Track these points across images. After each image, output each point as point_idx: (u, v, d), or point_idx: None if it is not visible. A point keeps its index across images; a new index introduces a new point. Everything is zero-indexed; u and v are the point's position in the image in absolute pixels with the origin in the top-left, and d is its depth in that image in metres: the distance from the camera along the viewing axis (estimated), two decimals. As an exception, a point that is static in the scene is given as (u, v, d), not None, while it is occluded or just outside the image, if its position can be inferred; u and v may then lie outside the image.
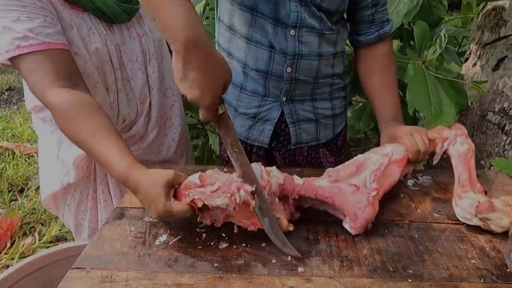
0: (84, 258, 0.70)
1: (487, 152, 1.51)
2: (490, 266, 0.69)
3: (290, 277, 0.66)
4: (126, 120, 1.08)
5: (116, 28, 1.00)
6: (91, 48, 0.93)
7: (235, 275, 0.66)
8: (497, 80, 1.43)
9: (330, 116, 1.12)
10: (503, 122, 1.46)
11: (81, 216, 1.21)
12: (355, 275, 0.66)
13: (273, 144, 1.12)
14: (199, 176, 0.72)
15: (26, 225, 2.00)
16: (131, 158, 0.77)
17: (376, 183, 0.79)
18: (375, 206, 0.77)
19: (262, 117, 1.06)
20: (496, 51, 1.41)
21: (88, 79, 0.94)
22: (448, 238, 0.76)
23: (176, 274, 0.66)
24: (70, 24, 0.90)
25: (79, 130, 0.79)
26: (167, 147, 1.21)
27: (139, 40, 1.05)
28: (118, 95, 1.04)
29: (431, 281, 0.65)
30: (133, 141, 1.13)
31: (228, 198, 0.69)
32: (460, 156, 0.86)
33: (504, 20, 1.38)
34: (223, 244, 0.74)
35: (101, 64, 0.96)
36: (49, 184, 1.13)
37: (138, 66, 1.06)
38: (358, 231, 0.75)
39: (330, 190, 0.78)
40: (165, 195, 0.70)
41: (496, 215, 0.74)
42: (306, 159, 1.16)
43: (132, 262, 0.69)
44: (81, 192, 1.15)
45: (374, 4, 1.00)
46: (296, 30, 0.94)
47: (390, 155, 0.84)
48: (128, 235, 0.76)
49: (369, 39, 1.04)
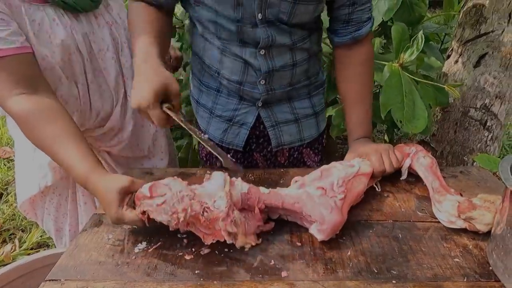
0: (58, 269, 0.67)
1: (470, 148, 1.52)
2: (473, 264, 0.69)
3: (273, 282, 0.64)
4: (100, 113, 1.04)
5: (84, 17, 0.95)
6: (56, 41, 0.89)
7: (217, 282, 0.64)
8: (478, 76, 1.44)
9: (312, 115, 1.10)
10: (485, 118, 1.47)
11: (61, 220, 1.18)
12: (340, 278, 0.65)
13: (253, 146, 1.10)
14: (149, 187, 0.70)
15: (6, 231, 1.94)
16: (92, 161, 0.76)
17: (344, 188, 0.77)
18: (343, 213, 0.75)
19: (238, 120, 1.04)
20: (477, 48, 1.43)
21: (50, 74, 0.89)
22: (431, 237, 0.76)
23: (156, 283, 0.64)
24: (26, 19, 0.84)
25: (40, 137, 0.79)
26: (145, 139, 1.18)
27: (109, 28, 1.01)
28: (90, 87, 0.99)
29: (415, 281, 0.65)
30: (111, 135, 1.10)
31: (170, 215, 0.67)
32: (426, 168, 0.89)
33: (484, 17, 1.39)
34: (205, 249, 0.72)
35: (67, 56, 0.91)
36: (26, 188, 1.10)
37: (110, 55, 1.01)
38: (325, 235, 0.72)
39: (297, 196, 0.76)
40: (117, 202, 0.70)
41: (478, 212, 0.74)
42: (288, 160, 1.14)
43: (109, 272, 0.66)
44: (60, 194, 1.12)
45: (352, 3, 0.93)
46: (266, 50, 0.92)
47: (357, 168, 0.84)
48: (105, 243, 0.73)
49: (343, 40, 0.98)
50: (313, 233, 0.73)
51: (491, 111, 1.46)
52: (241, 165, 1.12)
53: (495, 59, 1.40)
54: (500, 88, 1.42)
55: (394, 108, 1.08)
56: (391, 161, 0.90)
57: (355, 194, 0.80)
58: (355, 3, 0.93)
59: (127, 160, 1.19)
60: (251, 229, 0.73)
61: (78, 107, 0.99)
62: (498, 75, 1.41)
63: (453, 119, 1.53)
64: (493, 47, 1.39)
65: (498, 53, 1.38)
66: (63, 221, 1.18)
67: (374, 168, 0.88)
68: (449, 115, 1.54)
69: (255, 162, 1.14)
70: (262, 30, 0.89)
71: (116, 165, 1.16)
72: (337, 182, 0.78)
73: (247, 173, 0.97)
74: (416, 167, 0.92)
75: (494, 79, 1.41)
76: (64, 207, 1.15)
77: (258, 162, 1.14)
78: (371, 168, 0.87)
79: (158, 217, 0.68)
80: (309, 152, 1.16)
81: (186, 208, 0.67)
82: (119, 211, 0.70)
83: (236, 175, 0.78)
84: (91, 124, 1.05)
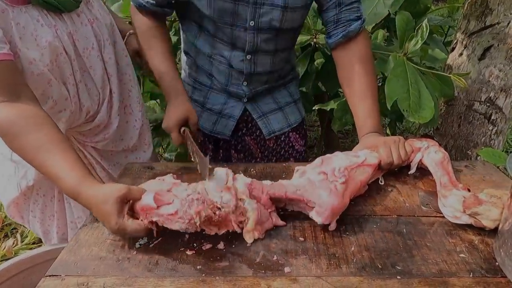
0: (59, 265, 0.66)
1: (474, 142, 1.51)
2: (479, 260, 0.68)
3: (276, 278, 0.63)
4: (90, 111, 1.03)
5: (66, 17, 0.93)
6: (42, 43, 0.86)
7: (219, 278, 0.63)
8: (483, 69, 1.42)
9: (292, 102, 1.23)
10: (490, 112, 1.45)
11: (47, 222, 1.15)
12: (343, 274, 0.65)
13: (244, 130, 1.21)
14: (154, 197, 0.68)
15: (8, 226, 1.94)
16: (82, 171, 0.72)
17: (346, 174, 0.77)
18: (345, 198, 0.75)
19: (226, 113, 1.17)
20: (482, 40, 1.40)
21: (38, 78, 0.87)
22: (436, 232, 0.75)
23: (157, 279, 0.63)
24: (12, 23, 0.81)
25: (24, 146, 0.73)
26: (130, 134, 1.17)
27: (91, 26, 0.99)
28: (78, 87, 0.98)
29: (420, 277, 0.64)
30: (97, 131, 1.09)
31: (187, 223, 0.67)
32: (436, 163, 0.88)
33: (490, 9, 1.37)
34: (207, 245, 0.71)
35: (54, 57, 0.89)
36: (6, 191, 1.06)
37: (95, 53, 1.00)
38: (323, 217, 0.72)
39: (299, 184, 0.76)
40: (117, 213, 0.66)
41: (484, 207, 0.72)
42: (276, 143, 1.25)
43: (110, 267, 0.65)
44: (45, 195, 1.09)
45: (338, 4, 0.99)
46: (252, 55, 1.04)
47: (363, 158, 0.83)
48: (106, 238, 0.72)
49: (336, 40, 1.02)
50: (312, 217, 0.73)
51: (495, 105, 1.44)
52: (234, 149, 1.24)
53: (500, 52, 1.37)
54: (505, 81, 1.40)
55: (400, 98, 1.06)
56: (399, 154, 0.89)
57: (358, 183, 0.80)
58: (341, 4, 0.99)
59: (111, 153, 1.17)
60: (265, 215, 0.73)
61: (69, 107, 0.97)
62: (503, 68, 1.39)
63: (457, 112, 1.51)
64: (499, 40, 1.36)
65: (503, 45, 1.36)
66: (50, 223, 1.15)
67: (382, 159, 0.87)
68: (453, 109, 1.52)
69: (247, 146, 1.24)
70: (251, 36, 1.00)
71: (101, 159, 1.15)
72: (339, 168, 0.77)
73: (248, 167, 0.97)
74: (427, 162, 0.90)
75: (499, 72, 1.39)
76: (50, 208, 1.12)
77: (250, 146, 1.24)
78: (378, 160, 0.86)
79: (173, 226, 0.67)
80: (295, 136, 1.27)
81: (198, 211, 0.67)
82: (120, 222, 0.66)
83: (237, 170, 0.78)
84: (80, 122, 1.04)
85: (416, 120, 1.06)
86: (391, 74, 1.09)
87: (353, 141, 2.74)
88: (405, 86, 1.07)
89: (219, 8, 0.95)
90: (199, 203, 0.67)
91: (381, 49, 1.23)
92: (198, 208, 0.67)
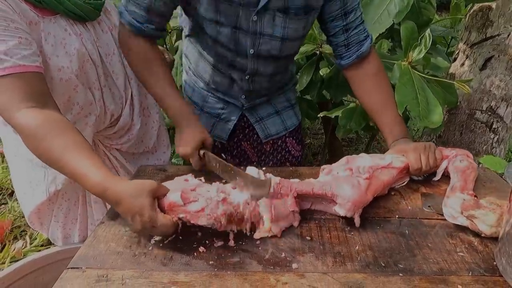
0: (79, 258, 0.70)
1: (476, 150, 1.54)
2: (478, 259, 0.71)
3: (284, 273, 0.67)
4: (114, 114, 1.08)
5: (89, 25, 0.99)
6: (71, 50, 0.92)
7: (230, 272, 0.67)
8: (484, 79, 1.46)
9: (289, 106, 1.27)
10: (491, 121, 1.49)
11: (69, 227, 1.18)
12: (348, 271, 0.68)
13: (240, 136, 1.25)
14: (180, 195, 0.72)
15: (17, 228, 1.97)
16: (106, 170, 0.74)
17: (370, 172, 0.82)
18: (368, 194, 0.79)
19: (224, 117, 1.21)
20: (483, 51, 1.45)
21: (66, 85, 0.92)
22: (437, 234, 0.78)
23: (172, 272, 0.67)
24: (42, 34, 0.87)
25: (49, 149, 0.75)
26: (149, 136, 1.22)
27: (111, 33, 1.05)
28: (103, 91, 1.04)
29: (422, 275, 0.67)
30: (122, 133, 1.14)
31: (213, 220, 0.71)
32: (458, 171, 0.89)
33: (490, 20, 1.41)
34: (218, 242, 0.74)
35: (81, 64, 0.95)
36: (32, 197, 1.08)
37: (116, 58, 1.06)
38: (346, 209, 0.76)
39: (326, 181, 0.81)
40: (150, 206, 0.68)
41: (481, 211, 0.74)
42: (273, 147, 1.28)
43: (127, 261, 0.69)
44: (69, 199, 1.13)
45: (345, 29, 1.02)
46: (251, 76, 1.08)
47: (389, 161, 0.87)
48: (123, 235, 0.76)
49: (349, 61, 1.05)
50: (336, 210, 0.78)
51: (497, 114, 1.47)
52: (230, 154, 1.28)
53: (501, 62, 1.41)
54: (506, 91, 1.44)
55: (410, 105, 1.09)
56: (428, 160, 0.90)
57: (381, 182, 0.84)
58: (349, 29, 1.03)
59: (133, 156, 1.22)
60: (283, 214, 0.77)
61: (94, 111, 1.02)
62: (504, 78, 1.43)
63: (459, 121, 1.55)
64: (499, 50, 1.41)
65: (504, 56, 1.40)
66: (72, 227, 1.17)
67: (410, 164, 0.90)
68: (455, 117, 1.56)
69: (243, 151, 1.27)
70: (251, 62, 1.04)
71: (126, 162, 1.19)
72: (364, 166, 0.83)
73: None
74: (450, 169, 0.91)
75: (500, 81, 1.43)
76: (74, 212, 1.15)
77: (247, 151, 1.28)
78: (403, 164, 0.89)
79: (200, 222, 0.71)
80: (292, 141, 1.30)
81: (224, 213, 0.72)
82: (153, 215, 0.68)
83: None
84: (105, 126, 1.09)
85: (427, 125, 1.09)
86: (399, 82, 1.12)
87: (357, 149, 2.76)
88: (413, 93, 1.11)
89: (222, 34, 0.98)
90: (225, 205, 0.72)
91: (385, 58, 1.26)
92: (222, 210, 0.72)
